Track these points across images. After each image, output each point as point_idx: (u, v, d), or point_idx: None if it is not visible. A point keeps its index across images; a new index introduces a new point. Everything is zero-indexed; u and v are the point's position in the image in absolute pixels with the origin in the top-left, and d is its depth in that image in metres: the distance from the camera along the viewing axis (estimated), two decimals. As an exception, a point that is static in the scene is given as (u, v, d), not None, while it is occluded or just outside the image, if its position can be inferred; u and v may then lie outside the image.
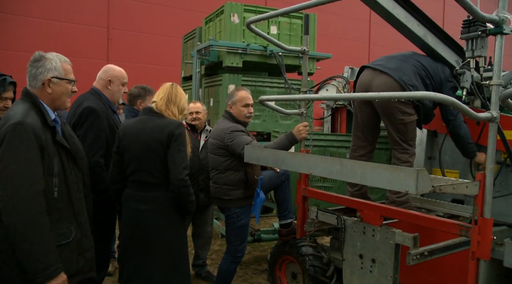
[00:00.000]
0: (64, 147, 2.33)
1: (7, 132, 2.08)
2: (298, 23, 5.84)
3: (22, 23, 11.27)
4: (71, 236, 2.29)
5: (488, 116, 2.28)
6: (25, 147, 2.08)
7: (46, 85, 2.30)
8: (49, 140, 2.22)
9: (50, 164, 2.21)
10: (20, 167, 2.05)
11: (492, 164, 2.31)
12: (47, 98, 2.32)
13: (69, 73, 2.39)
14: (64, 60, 2.39)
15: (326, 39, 12.98)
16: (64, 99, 2.39)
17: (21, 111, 2.19)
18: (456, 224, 2.49)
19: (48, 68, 2.30)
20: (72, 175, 2.37)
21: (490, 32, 2.45)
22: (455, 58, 3.43)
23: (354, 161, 2.46)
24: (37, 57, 2.33)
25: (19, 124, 2.09)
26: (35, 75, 2.30)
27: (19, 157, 2.06)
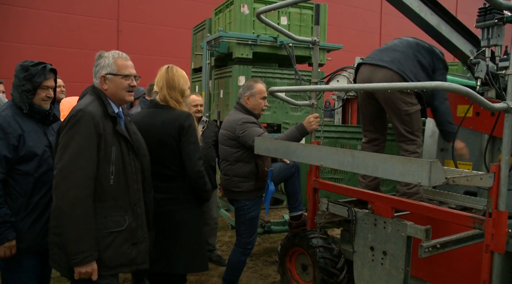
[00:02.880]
0: (125, 138, 2.39)
1: (71, 117, 2.23)
2: (309, 14, 5.78)
3: (33, 16, 11.33)
4: (124, 225, 2.33)
5: (504, 106, 2.23)
6: (83, 132, 2.19)
7: (102, 81, 2.41)
8: (109, 129, 2.31)
9: (108, 152, 2.28)
10: (76, 151, 2.17)
11: (508, 156, 2.27)
12: (107, 93, 2.43)
13: (124, 68, 2.43)
14: (118, 56, 2.45)
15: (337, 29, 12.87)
16: (122, 94, 2.44)
17: (85, 101, 2.34)
18: (470, 216, 2.45)
19: (102, 66, 2.41)
20: (131, 166, 2.41)
21: (507, 20, 2.39)
22: (469, 48, 3.37)
23: (365, 153, 2.42)
24: (97, 57, 2.47)
25: (80, 111, 2.23)
26: (95, 73, 2.45)
27: (77, 141, 2.18)
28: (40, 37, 11.26)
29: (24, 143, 2.65)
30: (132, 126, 2.61)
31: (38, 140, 2.71)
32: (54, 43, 11.52)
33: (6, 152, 2.60)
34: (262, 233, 5.00)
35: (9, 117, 2.67)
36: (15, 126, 2.64)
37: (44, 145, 2.73)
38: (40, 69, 2.72)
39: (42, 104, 2.77)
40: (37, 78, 2.70)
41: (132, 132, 2.54)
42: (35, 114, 2.75)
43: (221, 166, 3.82)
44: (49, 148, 2.74)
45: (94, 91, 2.43)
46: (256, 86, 3.75)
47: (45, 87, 2.76)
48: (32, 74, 2.69)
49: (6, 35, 11.02)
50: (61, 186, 2.15)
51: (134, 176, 2.43)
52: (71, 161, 2.16)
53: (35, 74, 2.69)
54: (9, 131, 2.63)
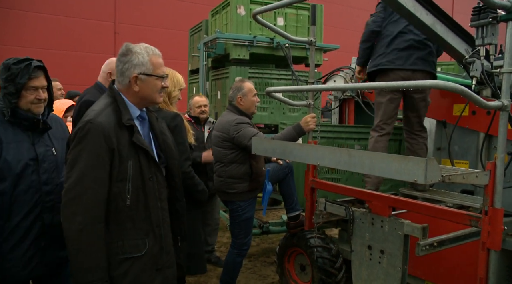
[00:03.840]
0: (144, 150, 2.04)
1: (78, 130, 1.94)
2: (305, 15, 5.80)
3: (29, 18, 11.32)
4: (143, 250, 2.03)
5: (499, 104, 2.25)
6: (91, 147, 1.91)
7: (133, 82, 2.06)
8: (124, 140, 1.98)
9: (123, 168, 1.97)
10: (83, 171, 1.89)
11: (503, 154, 2.28)
12: (134, 96, 2.09)
13: (158, 67, 2.10)
14: (153, 53, 2.09)
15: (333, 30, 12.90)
16: (154, 96, 2.11)
17: (98, 107, 2.03)
18: (466, 214, 2.46)
19: (135, 64, 2.04)
20: (152, 181, 2.08)
21: (501, 19, 2.41)
22: (464, 47, 3.38)
23: (362, 152, 2.43)
24: (124, 51, 2.08)
25: (89, 123, 1.93)
26: (122, 71, 2.07)
27: (84, 159, 1.90)
28: (38, 40, 11.25)
29: (0, 157, 2.22)
30: (160, 124, 2.30)
31: (19, 153, 2.27)
32: (53, 45, 11.51)
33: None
34: (261, 234, 5.01)
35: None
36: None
37: (28, 158, 2.29)
38: (23, 68, 2.25)
39: (32, 108, 2.32)
40: (19, 78, 2.23)
41: (159, 132, 2.24)
42: (21, 121, 2.31)
43: (214, 167, 3.82)
44: (35, 161, 2.32)
45: (111, 92, 2.10)
46: (245, 86, 3.77)
47: (32, 88, 2.30)
48: (14, 73, 2.23)
49: (5, 38, 11.01)
50: (68, 209, 1.90)
51: (157, 193, 2.11)
52: (78, 182, 1.89)
53: (17, 73, 2.23)
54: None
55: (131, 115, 2.06)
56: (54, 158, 2.41)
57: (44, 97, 2.36)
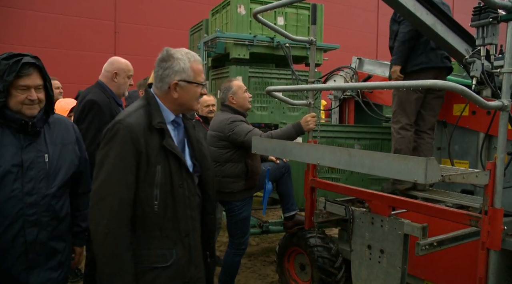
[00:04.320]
0: (175, 155, 1.95)
1: (107, 131, 1.90)
2: (305, 14, 5.80)
3: (29, 17, 11.32)
4: (170, 260, 1.93)
5: (499, 104, 2.25)
6: (118, 148, 1.84)
7: (172, 89, 1.99)
8: (154, 144, 1.90)
9: (151, 172, 1.88)
10: (110, 172, 1.84)
11: (503, 153, 2.28)
12: (172, 102, 2.02)
13: (199, 74, 2.03)
14: (194, 59, 2.02)
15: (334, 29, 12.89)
16: (192, 103, 2.04)
17: (130, 109, 1.97)
18: (466, 214, 2.47)
19: (176, 70, 1.98)
20: (182, 188, 1.97)
21: (501, 19, 2.41)
22: (465, 47, 3.38)
23: (362, 151, 2.44)
24: (165, 56, 2.01)
25: (118, 123, 1.87)
26: (162, 77, 2.00)
27: (111, 160, 1.84)
28: (39, 39, 11.24)
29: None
30: (196, 132, 2.19)
31: (2, 158, 2.05)
32: (53, 44, 11.51)
33: None
34: (260, 233, 5.01)
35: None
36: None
37: (11, 164, 2.05)
38: (11, 64, 2.03)
39: (23, 109, 2.09)
40: (6, 75, 2.02)
41: (195, 141, 2.13)
42: (10, 123, 2.09)
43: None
44: (20, 168, 2.07)
45: (146, 95, 2.04)
46: (233, 84, 3.78)
47: (22, 87, 2.07)
48: (2, 70, 2.02)
49: (5, 37, 11.01)
50: (93, 211, 1.85)
51: (187, 201, 1.99)
52: (103, 184, 1.83)
53: (4, 70, 2.02)
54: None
55: (163, 118, 1.98)
56: (44, 166, 2.15)
57: (37, 97, 2.11)
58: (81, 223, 2.45)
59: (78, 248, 2.51)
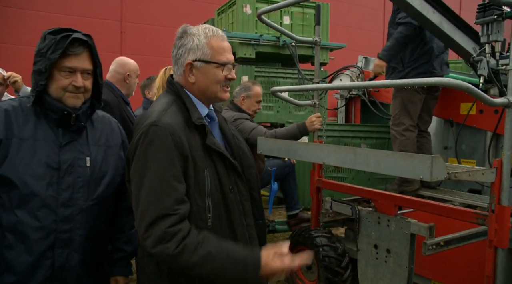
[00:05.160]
0: (221, 154, 1.63)
1: (141, 136, 1.54)
2: (311, 13, 5.78)
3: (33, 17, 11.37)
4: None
5: (505, 101, 2.24)
6: (160, 155, 1.49)
7: (187, 71, 1.66)
8: (197, 144, 1.58)
9: (199, 179, 1.55)
10: (155, 186, 1.47)
11: (510, 151, 2.27)
12: (193, 89, 1.68)
13: (220, 52, 1.65)
14: (213, 33, 1.65)
15: (340, 28, 12.85)
16: (214, 89, 1.66)
17: (159, 107, 1.62)
18: (473, 212, 2.45)
19: (189, 48, 1.64)
20: (234, 193, 1.65)
21: (506, 16, 2.39)
22: (472, 45, 3.36)
23: (367, 150, 2.43)
24: (179, 34, 1.69)
25: (153, 126, 1.52)
26: (176, 59, 1.68)
27: (153, 172, 1.49)
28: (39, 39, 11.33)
29: (4, 158, 1.61)
30: (228, 126, 1.86)
31: (34, 155, 1.65)
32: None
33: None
34: (267, 233, 5.01)
35: (1, 109, 1.67)
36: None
37: (46, 164, 1.66)
38: (58, 40, 1.65)
39: (64, 98, 1.71)
40: (51, 52, 1.64)
41: (230, 136, 1.80)
42: (49, 112, 1.70)
43: None
44: (56, 171, 1.67)
45: (172, 88, 1.70)
46: (253, 89, 3.78)
47: (68, 69, 1.69)
48: (47, 45, 1.65)
49: (5, 37, 11.08)
50: (150, 240, 1.47)
51: (240, 207, 1.67)
52: (150, 203, 1.47)
53: (50, 46, 1.64)
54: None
55: (200, 113, 1.65)
56: (84, 171, 1.75)
57: (84, 84, 1.72)
58: (125, 247, 1.97)
59: (121, 279, 1.98)
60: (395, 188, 3.72)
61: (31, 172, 1.63)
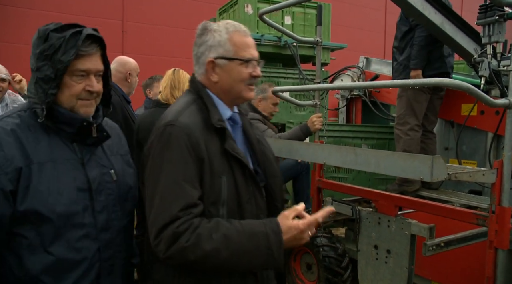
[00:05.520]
0: (240, 161, 1.51)
1: (155, 136, 1.47)
2: (313, 13, 5.79)
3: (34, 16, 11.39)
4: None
5: (506, 102, 2.24)
6: (176, 156, 1.41)
7: (209, 69, 1.56)
8: (215, 148, 1.47)
9: (215, 185, 1.45)
10: (170, 189, 1.39)
11: (510, 152, 2.27)
12: (216, 88, 1.58)
13: (243, 48, 1.55)
14: (235, 29, 1.56)
15: (341, 29, 12.85)
16: (239, 88, 1.56)
17: (177, 106, 1.54)
18: (473, 213, 2.45)
19: (210, 45, 1.55)
20: (250, 204, 1.52)
21: (508, 17, 2.39)
22: (473, 46, 3.36)
23: (368, 150, 2.43)
24: (200, 31, 1.60)
25: (169, 125, 1.44)
26: (197, 57, 1.59)
27: (168, 174, 1.40)
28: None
29: (27, 189, 1.34)
30: (254, 130, 1.73)
31: (61, 179, 1.40)
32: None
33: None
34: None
35: (5, 132, 1.37)
36: (12, 151, 1.35)
37: (75, 188, 1.43)
38: (69, 37, 1.39)
39: (77, 106, 1.46)
40: (62, 54, 1.38)
41: (255, 141, 1.67)
42: (62, 126, 1.45)
43: None
44: (88, 193, 1.46)
45: (193, 87, 1.61)
46: (269, 91, 3.81)
47: (81, 73, 1.44)
48: (54, 46, 1.38)
49: (5, 36, 11.10)
50: (158, 246, 1.39)
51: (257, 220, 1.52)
52: (161, 208, 1.39)
53: (58, 46, 1.38)
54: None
55: (221, 115, 1.55)
56: (112, 187, 1.56)
57: (98, 89, 1.50)
58: (134, 260, 1.77)
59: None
60: (395, 188, 3.72)
61: (62, 200, 1.38)
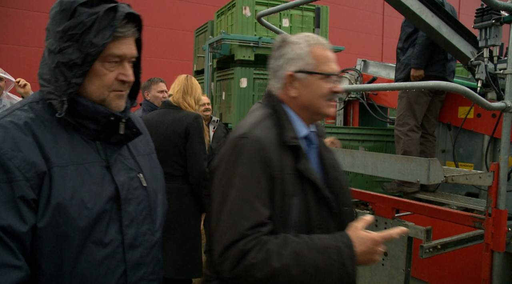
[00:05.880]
0: (313, 184, 1.41)
1: (227, 149, 1.40)
2: (310, 16, 5.80)
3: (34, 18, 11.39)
4: None
5: (502, 105, 2.25)
6: (248, 171, 1.33)
7: (287, 84, 1.47)
8: (288, 167, 1.38)
9: (285, 207, 1.35)
10: (238, 207, 1.30)
11: (507, 155, 2.28)
12: (293, 104, 1.49)
13: (324, 62, 1.46)
14: (316, 42, 1.47)
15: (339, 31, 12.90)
16: (319, 104, 1.46)
17: (252, 119, 1.45)
18: (470, 215, 2.46)
19: (290, 58, 1.46)
20: (322, 230, 1.42)
21: (504, 20, 2.41)
22: (470, 49, 3.38)
23: (365, 152, 2.44)
24: (278, 43, 1.52)
25: (243, 138, 1.37)
26: (275, 71, 1.51)
27: (238, 189, 1.32)
28: (41, 40, 11.32)
29: (48, 200, 1.09)
30: (329, 154, 1.59)
31: (82, 190, 1.14)
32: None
33: (13, 218, 1.04)
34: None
35: (19, 128, 1.10)
36: (32, 152, 1.09)
37: (102, 197, 1.17)
38: (102, 15, 1.14)
39: (108, 99, 1.22)
40: (93, 35, 1.13)
41: (329, 167, 1.54)
42: (84, 122, 1.20)
43: None
44: (114, 202, 1.20)
45: (269, 101, 1.52)
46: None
47: (115, 59, 1.19)
48: (85, 25, 1.12)
49: (4, 38, 11.09)
50: (223, 265, 1.31)
51: None
52: (230, 225, 1.30)
53: (90, 24, 1.12)
54: (13, 165, 1.05)
55: (296, 132, 1.45)
56: (142, 194, 1.30)
57: (130, 78, 1.25)
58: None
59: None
60: (394, 187, 3.72)
61: (86, 212, 1.12)
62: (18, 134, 1.10)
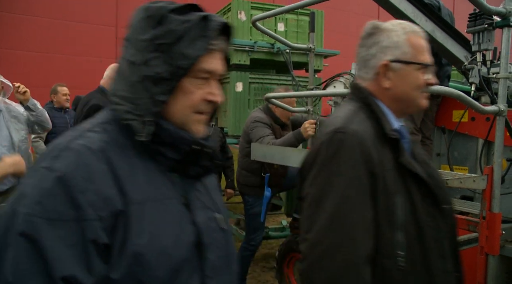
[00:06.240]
0: (416, 177, 1.31)
1: (321, 145, 1.29)
2: (306, 20, 5.82)
3: (32, 23, 11.37)
4: None
5: (495, 109, 2.26)
6: (348, 170, 1.22)
7: (381, 74, 1.38)
8: (388, 162, 1.29)
9: (389, 206, 1.25)
10: (339, 209, 1.20)
11: (500, 158, 2.29)
12: (385, 96, 1.40)
13: (421, 52, 1.37)
14: (412, 30, 1.38)
15: (334, 35, 12.93)
16: (413, 96, 1.39)
17: (344, 113, 1.36)
18: (464, 219, 2.47)
19: (385, 46, 1.36)
20: (431, 228, 1.30)
21: (497, 25, 2.43)
22: (464, 54, 3.40)
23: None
24: (369, 30, 1.41)
25: (339, 132, 1.27)
26: (365, 60, 1.41)
27: (338, 189, 1.22)
28: (39, 44, 11.29)
29: (124, 244, 0.89)
30: (419, 149, 1.55)
31: (165, 231, 0.96)
32: (53, 50, 11.57)
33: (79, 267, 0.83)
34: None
35: (94, 154, 0.92)
36: (107, 185, 0.90)
37: (185, 245, 0.99)
38: (196, 23, 0.99)
39: (190, 121, 1.04)
40: (185, 46, 0.97)
41: (421, 161, 1.42)
42: (163, 149, 1.00)
43: (238, 158, 4.20)
44: (197, 248, 1.02)
45: (358, 94, 1.43)
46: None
47: (204, 75, 1.03)
48: (176, 33, 0.97)
49: (3, 42, 11.06)
50: (316, 274, 1.19)
51: (439, 247, 1.33)
52: (331, 227, 1.19)
53: (182, 33, 0.97)
54: (84, 201, 0.86)
55: (391, 125, 1.37)
56: (221, 237, 1.11)
57: (216, 98, 1.07)
58: None
59: None
60: None
61: (166, 260, 0.94)
62: (90, 162, 0.90)
